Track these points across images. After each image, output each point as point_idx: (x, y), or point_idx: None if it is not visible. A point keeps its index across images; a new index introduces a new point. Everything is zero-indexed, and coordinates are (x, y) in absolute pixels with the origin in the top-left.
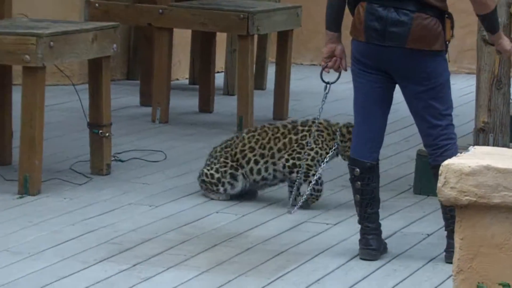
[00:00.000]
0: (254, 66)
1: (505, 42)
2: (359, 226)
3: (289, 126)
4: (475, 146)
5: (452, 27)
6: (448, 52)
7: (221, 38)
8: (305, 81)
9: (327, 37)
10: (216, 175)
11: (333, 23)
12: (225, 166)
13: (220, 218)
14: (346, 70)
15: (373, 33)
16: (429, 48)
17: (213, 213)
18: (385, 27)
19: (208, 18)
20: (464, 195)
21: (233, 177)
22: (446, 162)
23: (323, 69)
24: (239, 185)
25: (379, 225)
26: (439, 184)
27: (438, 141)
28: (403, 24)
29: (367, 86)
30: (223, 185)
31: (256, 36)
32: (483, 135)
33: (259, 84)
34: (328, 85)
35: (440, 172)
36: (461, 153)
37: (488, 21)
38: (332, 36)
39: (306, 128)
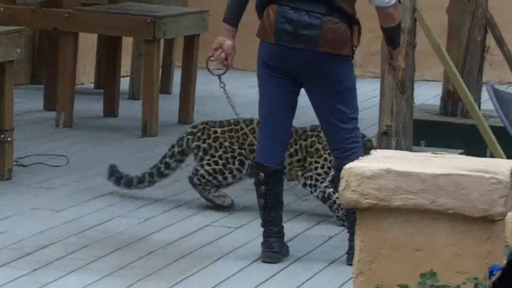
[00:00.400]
0: (160, 70)
1: (400, 62)
2: (262, 229)
3: (300, 131)
4: (377, 150)
5: (359, 34)
6: (354, 57)
7: (127, 42)
8: (210, 86)
9: (223, 29)
10: (221, 162)
11: (232, 18)
12: (232, 152)
13: (122, 222)
14: (230, 67)
15: (284, 35)
16: (338, 53)
17: (116, 217)
18: (296, 30)
19: (114, 22)
20: (365, 198)
21: (242, 164)
22: (347, 165)
23: (208, 58)
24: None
25: (282, 228)
26: (340, 187)
27: (345, 144)
28: (314, 27)
29: (273, 90)
30: (230, 172)
31: (162, 41)
32: (386, 139)
33: (165, 88)
34: (219, 77)
35: (341, 175)
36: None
37: (392, 35)
38: (227, 30)
39: (315, 133)
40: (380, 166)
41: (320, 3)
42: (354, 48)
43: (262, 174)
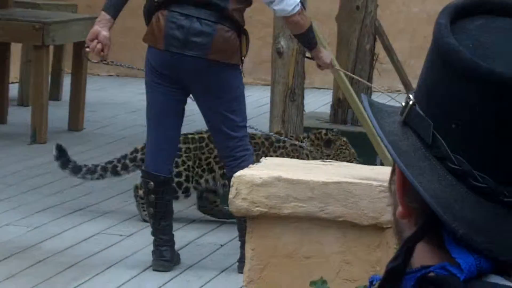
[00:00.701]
0: (50, 76)
1: (324, 56)
2: (153, 237)
3: (267, 143)
4: (267, 157)
5: (247, 43)
6: (243, 67)
7: (16, 48)
8: (101, 92)
9: (100, 18)
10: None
11: (113, 8)
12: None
13: (12, 230)
14: (106, 58)
15: (174, 41)
16: (228, 61)
17: (3, 225)
18: (187, 37)
19: (1, 28)
20: (255, 206)
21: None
22: (237, 173)
23: (84, 48)
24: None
25: (173, 236)
26: (230, 195)
27: (235, 152)
28: (205, 34)
29: (161, 98)
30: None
31: (51, 47)
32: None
33: (55, 94)
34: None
35: (232, 183)
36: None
37: (304, 39)
38: (105, 19)
39: (281, 144)
40: (270, 174)
41: (212, 11)
42: (242, 58)
43: (152, 183)
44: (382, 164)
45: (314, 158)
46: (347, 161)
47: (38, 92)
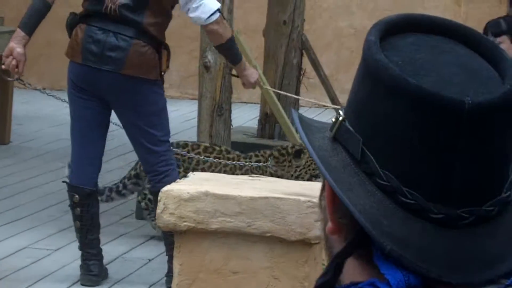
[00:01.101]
0: None
1: (249, 74)
2: (80, 252)
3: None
4: (194, 172)
5: (168, 58)
6: (171, 80)
7: None
8: (28, 105)
9: (15, 35)
10: None
11: (28, 25)
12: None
13: None
14: (21, 74)
15: (90, 56)
16: (145, 76)
17: None
18: (103, 51)
19: None
20: (183, 221)
21: None
22: (165, 188)
23: (0, 65)
24: None
25: (100, 250)
26: (158, 210)
27: (157, 167)
28: (120, 49)
29: (83, 112)
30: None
31: None
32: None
33: None
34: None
35: (159, 198)
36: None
37: (226, 52)
38: (20, 36)
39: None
40: (198, 188)
41: (129, 26)
42: (162, 73)
43: (77, 196)
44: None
45: (279, 177)
46: (316, 174)
47: None
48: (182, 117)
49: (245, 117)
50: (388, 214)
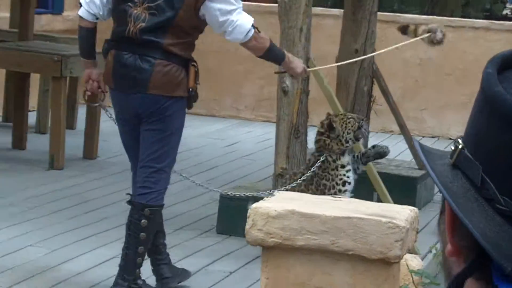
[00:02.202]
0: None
1: (296, 66)
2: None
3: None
4: (279, 191)
5: (196, 75)
6: (197, 97)
7: (35, 78)
8: (113, 123)
9: (83, 63)
10: None
11: (85, 51)
12: None
13: (32, 251)
14: (105, 92)
15: (120, 80)
16: (170, 94)
17: (23, 247)
18: (130, 74)
19: (23, 59)
20: (270, 237)
21: None
22: (254, 205)
23: (84, 92)
24: None
25: (168, 255)
26: (247, 226)
27: (149, 183)
28: (144, 71)
29: (123, 132)
30: None
31: (68, 78)
32: (282, 180)
33: (70, 124)
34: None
35: (248, 214)
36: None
37: (270, 58)
38: (86, 62)
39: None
40: (284, 207)
41: (151, 48)
42: (190, 89)
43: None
44: (379, 200)
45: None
46: (357, 127)
47: (56, 121)
48: (256, 139)
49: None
50: (507, 238)
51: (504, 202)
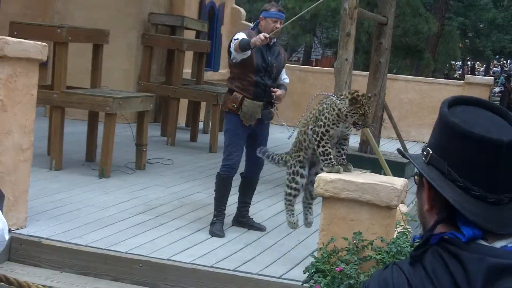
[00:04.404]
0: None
1: (256, 40)
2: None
3: None
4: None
5: (233, 100)
6: (235, 114)
7: (203, 104)
8: None
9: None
10: None
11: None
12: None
13: (201, 195)
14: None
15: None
16: (223, 109)
17: (196, 192)
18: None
19: (197, 94)
20: (326, 192)
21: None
22: (318, 175)
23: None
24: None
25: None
26: (314, 186)
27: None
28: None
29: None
30: None
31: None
32: None
33: (220, 128)
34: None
35: (316, 180)
36: None
37: (241, 48)
38: None
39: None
40: (334, 176)
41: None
42: (226, 110)
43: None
44: (384, 174)
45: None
46: (361, 116)
47: (213, 126)
48: None
49: (351, 141)
50: (465, 200)
51: (462, 181)
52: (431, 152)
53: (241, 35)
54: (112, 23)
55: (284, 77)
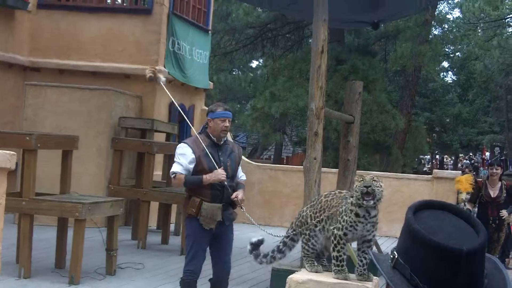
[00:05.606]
0: None
1: (215, 178)
2: None
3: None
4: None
5: (192, 205)
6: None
7: (174, 206)
8: None
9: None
10: None
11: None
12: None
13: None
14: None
15: None
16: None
17: None
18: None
19: (168, 196)
20: None
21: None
22: (290, 276)
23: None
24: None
25: None
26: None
27: None
28: None
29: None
30: None
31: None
32: None
33: None
34: None
35: (287, 281)
36: None
37: (188, 185)
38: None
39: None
40: (306, 277)
41: None
42: (187, 214)
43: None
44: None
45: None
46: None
47: (184, 228)
48: None
49: None
50: None
51: (423, 286)
52: (396, 256)
53: (184, 150)
54: (83, 128)
55: (241, 175)
